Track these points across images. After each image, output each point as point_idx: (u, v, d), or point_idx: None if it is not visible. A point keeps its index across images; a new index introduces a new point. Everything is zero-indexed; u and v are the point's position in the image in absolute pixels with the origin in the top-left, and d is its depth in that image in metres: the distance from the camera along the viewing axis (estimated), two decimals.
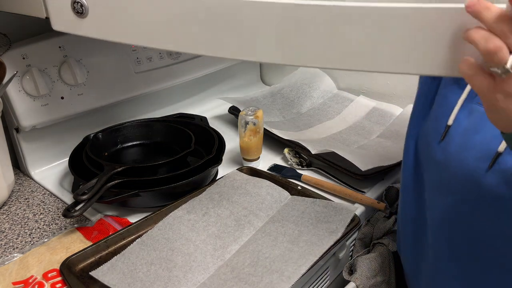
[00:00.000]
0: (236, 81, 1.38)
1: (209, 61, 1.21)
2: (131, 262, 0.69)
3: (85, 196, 0.75)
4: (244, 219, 0.78)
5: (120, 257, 0.71)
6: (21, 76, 0.89)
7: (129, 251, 0.72)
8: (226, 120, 1.21)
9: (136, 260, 0.70)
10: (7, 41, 0.85)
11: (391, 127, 1.06)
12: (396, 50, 0.44)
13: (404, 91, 1.16)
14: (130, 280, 0.66)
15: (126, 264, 0.69)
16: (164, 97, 1.18)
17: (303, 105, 1.24)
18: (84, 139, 0.97)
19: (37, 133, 0.96)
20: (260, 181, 0.87)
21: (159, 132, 1.02)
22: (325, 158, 0.95)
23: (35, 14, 0.65)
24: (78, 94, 0.96)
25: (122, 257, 0.70)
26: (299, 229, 0.75)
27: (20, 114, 0.90)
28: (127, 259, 0.70)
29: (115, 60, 1.02)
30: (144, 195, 0.81)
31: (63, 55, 0.94)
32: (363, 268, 0.79)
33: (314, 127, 1.13)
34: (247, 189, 0.85)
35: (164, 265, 0.69)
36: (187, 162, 0.93)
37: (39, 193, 0.92)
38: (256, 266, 0.68)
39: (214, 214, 0.79)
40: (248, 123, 0.93)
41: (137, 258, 0.70)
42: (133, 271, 0.68)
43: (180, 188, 0.83)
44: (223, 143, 0.97)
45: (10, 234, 0.80)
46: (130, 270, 0.68)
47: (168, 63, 1.12)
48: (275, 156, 1.03)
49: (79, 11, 0.60)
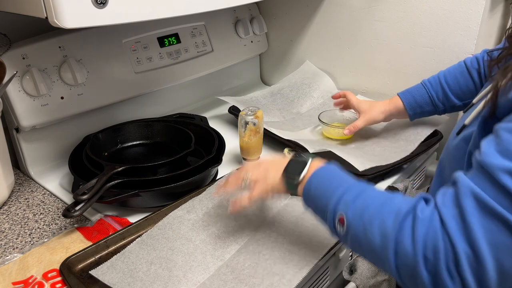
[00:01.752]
0: (236, 81, 1.38)
1: (209, 61, 1.21)
2: (131, 262, 0.69)
3: (85, 196, 0.75)
4: (244, 219, 0.78)
5: (120, 256, 0.71)
6: (21, 76, 0.89)
7: (129, 251, 0.72)
8: (226, 120, 1.21)
9: (136, 259, 0.70)
10: (7, 41, 0.85)
11: (389, 127, 1.06)
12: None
13: None
14: (130, 280, 0.66)
15: (126, 264, 0.69)
16: (164, 97, 1.18)
17: (303, 105, 1.24)
18: (84, 139, 0.97)
19: (37, 133, 0.96)
20: None
21: (159, 132, 1.02)
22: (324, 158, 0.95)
23: (35, 14, 0.65)
24: (78, 94, 0.96)
25: (122, 257, 0.71)
26: (299, 230, 0.75)
27: (20, 114, 0.90)
28: (127, 258, 0.70)
29: (115, 60, 1.02)
30: (144, 195, 0.81)
31: (63, 55, 0.94)
32: (363, 268, 0.79)
33: (314, 127, 1.13)
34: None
35: (164, 265, 0.69)
36: (187, 162, 0.93)
37: (39, 193, 0.92)
38: (257, 267, 0.68)
39: (214, 214, 0.79)
40: (248, 123, 0.93)
41: (137, 258, 0.70)
42: (133, 270, 0.68)
43: (180, 188, 0.83)
44: (223, 143, 0.97)
45: (10, 234, 0.80)
46: (130, 270, 0.68)
47: (168, 63, 1.12)
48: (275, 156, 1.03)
49: (102, 2, 0.65)
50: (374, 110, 0.99)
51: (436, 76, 0.96)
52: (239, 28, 1.28)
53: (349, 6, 1.19)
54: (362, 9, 1.17)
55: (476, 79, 0.91)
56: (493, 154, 0.49)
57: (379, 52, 1.18)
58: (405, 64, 1.14)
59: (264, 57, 1.45)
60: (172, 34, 1.13)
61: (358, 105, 1.01)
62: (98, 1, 0.64)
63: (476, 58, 0.92)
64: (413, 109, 0.97)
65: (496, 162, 0.48)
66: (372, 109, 0.99)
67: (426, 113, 0.98)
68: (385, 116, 0.99)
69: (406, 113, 0.98)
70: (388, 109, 0.99)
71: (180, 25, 1.15)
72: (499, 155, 0.49)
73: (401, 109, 0.98)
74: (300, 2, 1.29)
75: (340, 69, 1.28)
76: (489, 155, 0.49)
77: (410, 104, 0.97)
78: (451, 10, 1.02)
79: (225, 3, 0.86)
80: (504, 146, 0.49)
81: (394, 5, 1.11)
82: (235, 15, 1.29)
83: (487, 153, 0.50)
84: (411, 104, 0.97)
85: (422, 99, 0.96)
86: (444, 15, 1.03)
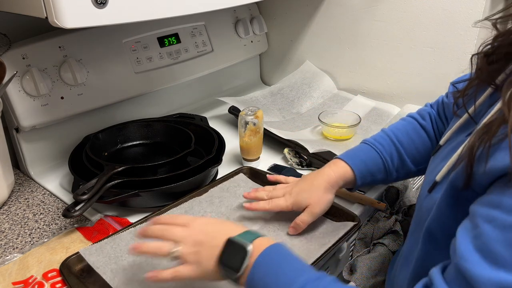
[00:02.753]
0: (236, 81, 1.38)
1: (209, 61, 1.21)
2: (119, 249, 0.70)
3: (85, 196, 0.75)
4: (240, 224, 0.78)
5: (110, 241, 0.72)
6: (21, 76, 0.89)
7: (119, 237, 0.73)
8: (226, 120, 1.20)
9: (125, 247, 0.71)
10: (7, 41, 0.85)
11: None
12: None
13: (404, 91, 1.17)
14: (113, 266, 0.67)
15: (114, 249, 0.70)
16: (164, 97, 1.18)
17: (303, 105, 1.24)
18: (84, 139, 0.97)
19: (37, 133, 0.96)
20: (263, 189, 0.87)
21: (159, 132, 1.02)
22: (325, 158, 0.95)
23: (35, 14, 0.65)
24: (78, 94, 0.96)
25: (112, 242, 0.72)
26: (291, 242, 0.74)
27: (20, 114, 0.90)
28: (117, 244, 0.71)
29: (115, 60, 1.02)
30: (144, 195, 0.81)
31: (63, 55, 0.94)
32: (363, 268, 0.79)
33: (313, 127, 1.13)
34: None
35: (149, 260, 0.69)
36: (187, 162, 0.93)
37: (39, 193, 0.92)
38: None
39: (211, 217, 0.79)
40: (248, 123, 0.93)
41: (126, 246, 0.71)
42: (119, 257, 0.69)
43: (180, 188, 0.83)
44: (223, 143, 0.97)
45: (10, 234, 0.80)
46: (116, 256, 0.69)
47: (168, 63, 1.12)
48: (275, 156, 1.03)
49: (102, 2, 0.64)
50: (323, 200, 0.73)
51: (383, 135, 0.77)
52: (239, 28, 1.28)
53: (349, 6, 1.19)
54: (362, 9, 1.17)
55: (433, 137, 0.76)
56: (473, 257, 0.40)
57: (379, 52, 1.18)
58: (405, 64, 1.14)
59: (264, 57, 1.45)
60: (172, 34, 1.13)
61: (297, 198, 0.73)
62: (98, 1, 0.64)
63: (427, 113, 0.78)
64: (363, 178, 0.75)
65: (481, 274, 0.39)
66: (320, 200, 0.73)
67: (374, 183, 0.79)
68: (333, 196, 0.75)
69: (354, 185, 0.75)
70: (336, 184, 0.74)
71: (180, 25, 1.15)
72: (483, 260, 0.39)
73: (350, 180, 0.74)
74: (300, 2, 1.29)
75: (340, 69, 1.28)
76: (469, 260, 0.40)
77: (361, 173, 0.74)
78: (451, 10, 1.02)
79: (225, 3, 0.86)
80: (485, 245, 0.40)
81: (394, 5, 1.11)
82: (235, 15, 1.29)
83: (466, 256, 0.41)
84: (362, 173, 0.74)
85: (374, 165, 0.75)
86: (444, 15, 1.03)
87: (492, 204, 0.41)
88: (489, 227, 0.40)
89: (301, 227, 0.73)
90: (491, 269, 0.38)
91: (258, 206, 0.75)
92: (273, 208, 0.74)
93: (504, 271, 0.37)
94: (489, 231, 0.40)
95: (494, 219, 0.40)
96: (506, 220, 0.39)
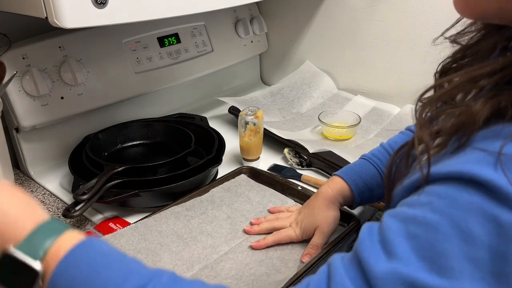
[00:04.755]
0: (236, 81, 1.38)
1: (209, 61, 1.21)
2: (120, 244, 0.70)
3: (85, 196, 0.75)
4: (240, 225, 0.78)
5: (111, 236, 0.72)
6: (21, 76, 0.89)
7: (120, 233, 0.73)
8: (226, 120, 1.20)
9: (125, 244, 0.71)
10: (7, 41, 0.85)
11: (388, 127, 1.06)
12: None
13: (404, 91, 1.17)
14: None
15: (115, 245, 0.70)
16: (164, 97, 1.18)
17: (303, 105, 1.24)
18: (84, 139, 0.97)
19: (37, 133, 0.96)
20: (264, 189, 0.87)
21: (159, 132, 1.02)
22: (325, 158, 0.95)
23: (35, 14, 0.65)
24: (78, 94, 0.96)
25: (113, 238, 0.72)
26: (292, 243, 0.74)
27: (20, 114, 0.90)
28: (117, 240, 0.71)
29: (115, 60, 1.02)
30: (144, 195, 0.81)
31: (63, 55, 0.94)
32: None
33: (313, 127, 1.13)
34: (249, 197, 0.85)
35: (150, 257, 0.69)
36: (187, 162, 0.93)
37: (39, 193, 0.92)
38: (239, 280, 0.66)
39: (212, 215, 0.80)
40: (248, 123, 0.93)
41: (127, 243, 0.71)
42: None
43: (180, 188, 0.83)
44: (223, 143, 0.97)
45: None
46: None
47: (168, 63, 1.12)
48: (275, 156, 1.03)
49: (102, 2, 0.64)
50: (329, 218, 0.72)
51: (381, 149, 0.76)
52: (239, 28, 1.28)
53: (349, 6, 1.19)
54: (362, 9, 1.17)
55: None
56: (370, 243, 0.40)
57: (379, 52, 1.18)
58: (405, 64, 1.14)
59: (264, 57, 1.45)
60: (172, 34, 1.13)
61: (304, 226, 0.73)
62: (98, 1, 0.64)
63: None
64: (362, 194, 0.73)
65: (376, 265, 0.38)
66: (327, 218, 0.72)
67: (372, 200, 0.75)
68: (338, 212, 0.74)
69: (352, 201, 0.73)
70: (335, 200, 0.73)
71: (180, 25, 1.15)
72: (381, 252, 0.39)
73: (348, 195, 0.73)
74: (300, 2, 1.29)
75: (340, 69, 1.28)
76: (367, 250, 0.40)
77: (359, 189, 0.72)
78: (451, 10, 1.02)
79: (225, 3, 0.86)
80: (386, 237, 0.40)
81: (394, 5, 1.11)
82: (235, 15, 1.29)
83: (364, 242, 0.41)
84: (360, 189, 0.72)
85: (372, 179, 0.72)
86: (444, 15, 1.03)
87: (398, 206, 0.43)
88: (392, 220, 0.41)
89: (314, 252, 0.70)
90: (387, 261, 0.38)
91: (266, 241, 0.73)
92: (283, 239, 0.73)
93: (400, 263, 0.38)
94: (392, 224, 0.40)
95: (398, 213, 0.41)
96: (408, 212, 0.40)
